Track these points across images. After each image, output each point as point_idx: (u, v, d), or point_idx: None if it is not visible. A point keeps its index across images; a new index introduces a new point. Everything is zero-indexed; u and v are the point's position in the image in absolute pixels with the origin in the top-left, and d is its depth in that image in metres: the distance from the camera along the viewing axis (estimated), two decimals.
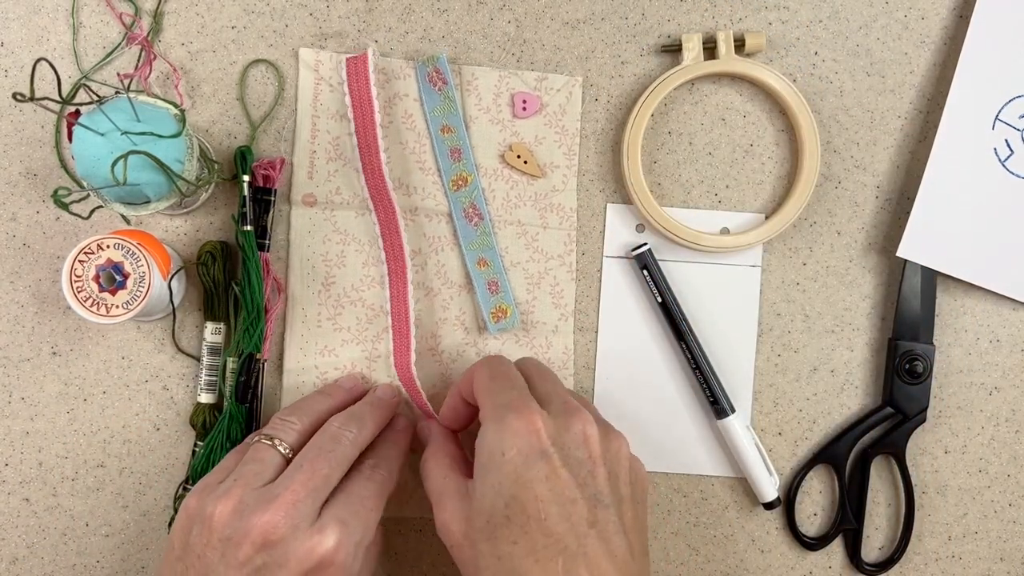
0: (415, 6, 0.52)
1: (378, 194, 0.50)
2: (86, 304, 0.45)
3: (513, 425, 0.39)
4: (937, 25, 0.54)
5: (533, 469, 0.38)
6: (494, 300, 0.52)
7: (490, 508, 0.39)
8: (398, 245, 0.50)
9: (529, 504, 0.38)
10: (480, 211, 0.51)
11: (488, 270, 0.51)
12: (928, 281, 0.53)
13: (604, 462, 0.40)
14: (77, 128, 0.42)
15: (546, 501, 0.38)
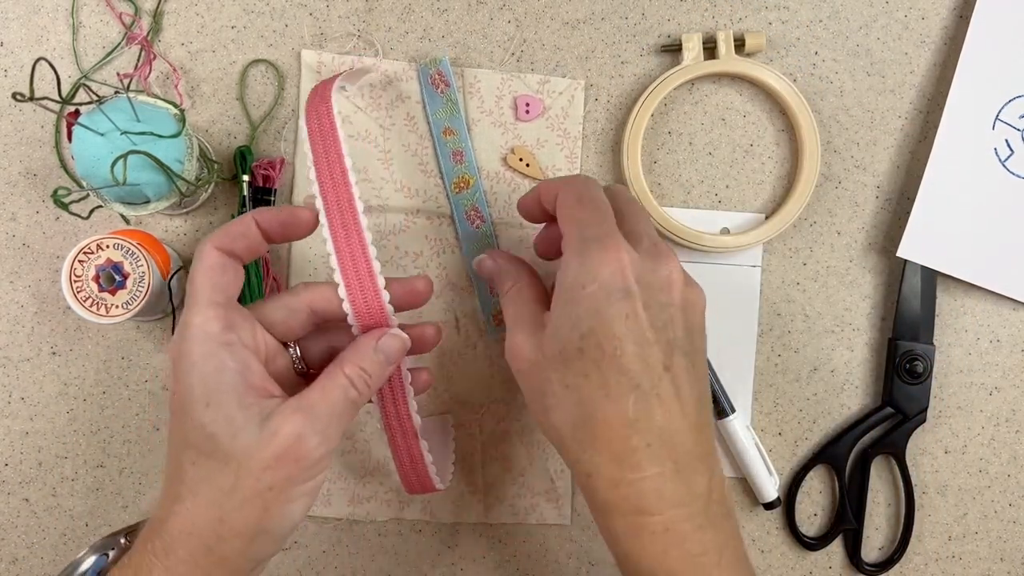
0: (415, 6, 0.52)
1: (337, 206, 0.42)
2: (86, 304, 0.45)
3: (598, 259, 0.38)
4: (937, 25, 0.54)
5: (614, 306, 0.37)
6: (495, 302, 0.51)
7: (565, 339, 0.38)
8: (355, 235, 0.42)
9: (605, 340, 0.37)
10: (482, 214, 0.51)
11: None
12: (928, 281, 0.53)
13: (683, 309, 0.39)
14: (77, 128, 0.42)
15: (623, 339, 0.37)
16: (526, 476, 0.53)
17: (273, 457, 0.36)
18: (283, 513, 0.37)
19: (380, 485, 0.52)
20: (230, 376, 0.37)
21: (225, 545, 0.36)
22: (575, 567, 0.54)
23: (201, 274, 0.38)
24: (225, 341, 0.38)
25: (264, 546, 0.38)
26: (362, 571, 0.53)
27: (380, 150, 0.52)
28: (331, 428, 0.38)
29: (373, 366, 0.40)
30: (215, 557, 0.36)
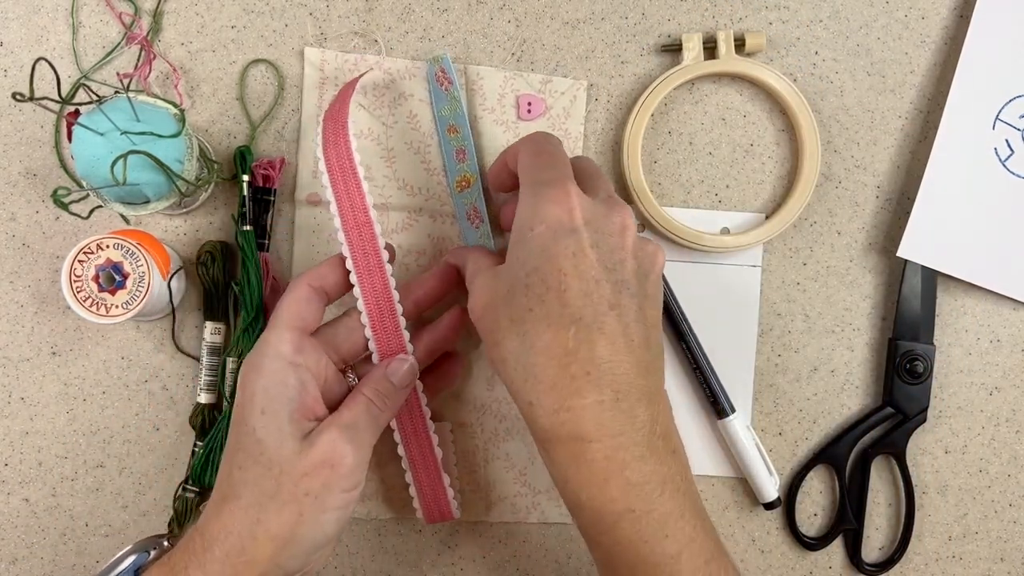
0: (415, 6, 0.52)
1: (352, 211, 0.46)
2: (85, 304, 0.45)
3: (547, 199, 0.39)
4: (937, 25, 0.54)
5: (560, 243, 0.38)
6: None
7: (512, 277, 0.39)
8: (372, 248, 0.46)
9: (550, 276, 0.38)
10: (480, 213, 0.50)
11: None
12: (928, 281, 0.53)
13: (635, 256, 0.40)
14: (77, 128, 0.42)
15: (568, 275, 0.38)
16: (527, 475, 0.53)
17: (312, 464, 0.40)
18: (316, 521, 0.40)
19: (381, 483, 0.52)
20: (290, 392, 0.41)
21: (258, 547, 0.39)
22: (575, 567, 0.54)
23: (288, 302, 0.43)
24: (293, 362, 0.42)
25: (293, 556, 0.40)
26: (362, 571, 0.53)
27: (383, 148, 0.52)
28: (360, 439, 0.41)
29: (387, 388, 0.44)
30: (247, 558, 0.39)
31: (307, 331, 0.44)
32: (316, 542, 0.40)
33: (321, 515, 0.40)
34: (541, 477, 0.53)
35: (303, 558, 0.40)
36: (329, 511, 0.40)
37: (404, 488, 0.52)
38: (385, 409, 0.44)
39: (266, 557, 0.39)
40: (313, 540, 0.40)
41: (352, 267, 0.45)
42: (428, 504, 0.49)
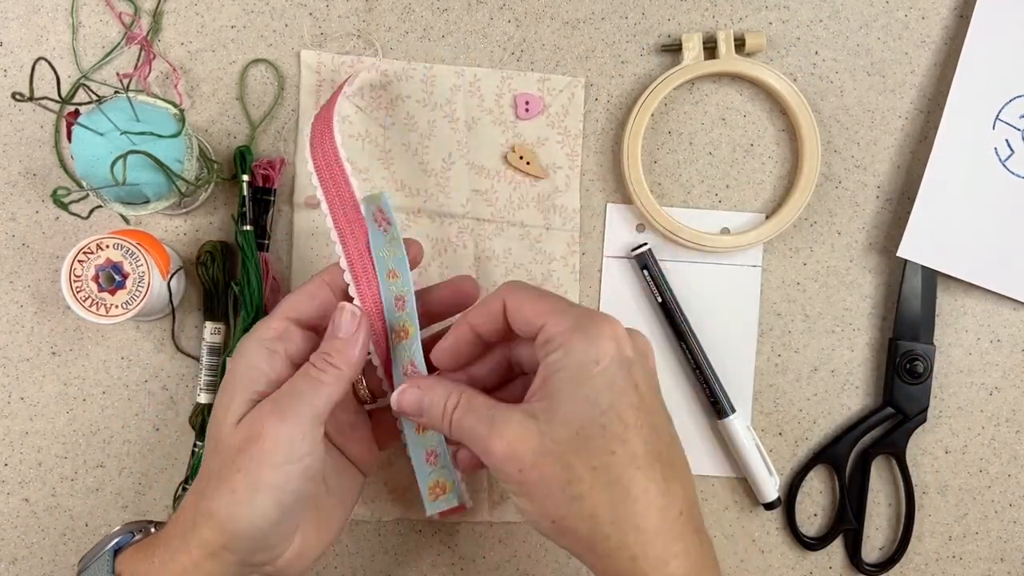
0: (415, 6, 0.52)
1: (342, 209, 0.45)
2: (85, 304, 0.45)
3: (601, 334, 0.37)
4: (937, 25, 0.54)
5: (626, 379, 0.37)
6: (433, 472, 0.45)
7: (581, 420, 0.36)
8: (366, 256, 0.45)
9: (626, 413, 0.36)
10: (419, 368, 0.43)
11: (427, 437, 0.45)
12: (928, 281, 0.53)
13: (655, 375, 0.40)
14: (76, 128, 0.42)
15: (639, 409, 0.37)
16: None
17: (242, 439, 0.38)
18: (251, 501, 0.37)
19: (384, 485, 0.52)
20: (254, 375, 0.40)
21: (204, 527, 0.38)
22: (575, 567, 0.54)
23: (294, 294, 0.43)
24: (270, 348, 0.40)
25: (237, 539, 0.37)
26: (362, 571, 0.53)
27: (380, 150, 0.52)
28: (292, 410, 0.38)
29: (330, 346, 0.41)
30: (197, 538, 0.38)
31: (303, 323, 0.42)
32: (255, 525, 0.37)
33: (255, 495, 0.37)
34: None
35: (248, 542, 0.38)
36: (262, 489, 0.37)
37: (406, 490, 0.52)
38: (327, 370, 0.40)
39: (211, 536, 0.38)
40: (250, 523, 0.37)
41: (346, 265, 0.44)
42: None
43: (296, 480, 0.38)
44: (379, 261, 0.44)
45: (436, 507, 0.45)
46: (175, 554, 0.38)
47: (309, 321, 0.42)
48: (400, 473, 0.53)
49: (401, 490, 0.52)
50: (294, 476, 0.38)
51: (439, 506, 0.45)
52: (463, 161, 0.52)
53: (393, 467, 0.52)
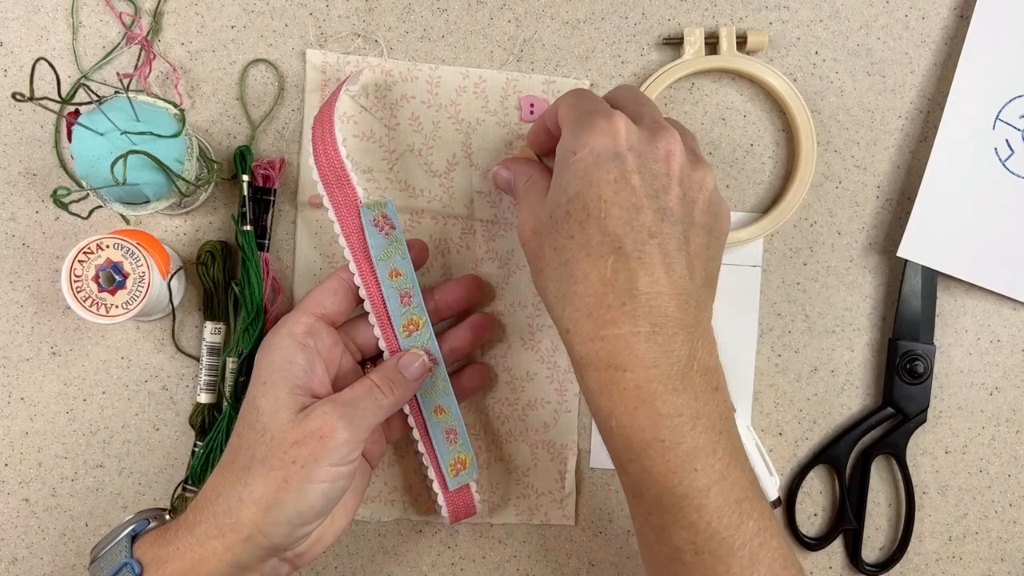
0: (415, 6, 0.52)
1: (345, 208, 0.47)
2: (85, 304, 0.45)
3: (590, 127, 0.39)
4: (937, 25, 0.54)
5: (602, 169, 0.38)
6: (452, 451, 0.49)
7: (555, 203, 0.39)
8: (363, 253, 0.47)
9: (591, 202, 0.38)
10: (434, 356, 0.48)
11: (446, 418, 0.49)
12: (928, 281, 0.53)
13: (681, 183, 0.39)
14: (77, 128, 0.42)
15: (609, 202, 0.38)
16: (530, 476, 0.53)
17: (302, 434, 0.41)
18: (301, 490, 0.40)
19: (384, 485, 0.52)
20: (294, 369, 0.43)
21: (243, 509, 0.40)
22: (575, 567, 0.54)
23: (317, 290, 0.46)
24: (302, 342, 0.44)
25: (276, 523, 0.40)
26: (362, 571, 0.53)
27: (385, 150, 0.52)
28: (356, 419, 0.42)
29: (395, 376, 0.45)
30: (232, 520, 0.40)
31: (327, 319, 0.46)
32: (300, 512, 0.41)
33: (307, 485, 0.40)
34: (544, 479, 0.53)
35: (287, 527, 0.41)
36: (315, 482, 0.40)
37: (406, 491, 0.52)
38: (389, 395, 0.44)
39: (250, 520, 0.40)
40: (297, 509, 0.40)
41: (355, 269, 0.46)
42: (453, 500, 0.50)
43: (344, 479, 0.42)
44: (380, 263, 0.46)
45: (458, 481, 0.49)
46: (204, 539, 0.40)
47: (332, 317, 0.46)
48: (399, 474, 0.53)
49: (401, 491, 0.52)
50: (343, 475, 0.42)
51: (460, 480, 0.49)
52: (467, 163, 0.52)
53: (392, 468, 0.53)
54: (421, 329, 0.47)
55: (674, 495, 0.37)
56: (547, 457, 0.53)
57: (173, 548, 0.40)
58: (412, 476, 0.53)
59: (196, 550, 0.40)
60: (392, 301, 0.47)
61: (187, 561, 0.39)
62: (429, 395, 0.48)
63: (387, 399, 0.44)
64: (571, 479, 0.53)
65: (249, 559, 0.40)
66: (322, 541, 0.44)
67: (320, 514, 0.42)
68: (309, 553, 0.44)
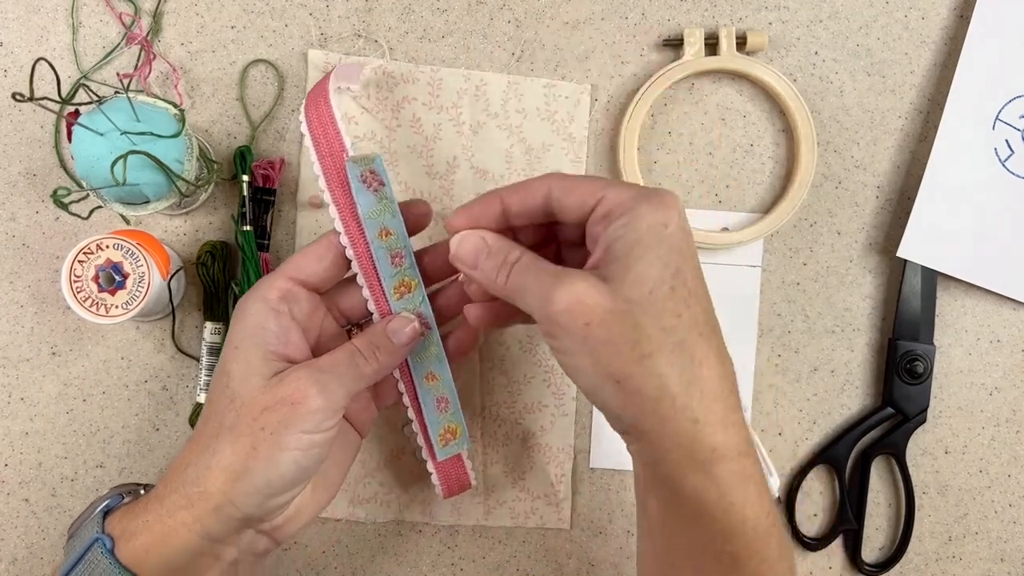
0: (415, 6, 0.52)
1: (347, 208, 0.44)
2: (85, 304, 0.45)
3: (665, 202, 0.37)
4: (937, 25, 0.54)
5: (688, 243, 0.37)
6: (443, 420, 0.46)
7: (653, 281, 0.35)
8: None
9: (690, 278, 0.36)
10: (426, 320, 0.44)
11: (437, 385, 0.46)
12: (928, 281, 0.53)
13: None
14: (77, 128, 0.42)
15: (699, 278, 0.37)
16: (526, 480, 0.53)
17: (273, 400, 0.38)
18: (271, 459, 0.38)
19: (380, 486, 0.52)
20: (266, 335, 0.40)
21: (211, 478, 0.38)
22: (575, 567, 0.54)
23: (300, 253, 0.43)
24: (275, 308, 0.41)
25: (246, 493, 0.38)
26: (362, 571, 0.53)
27: (385, 151, 0.52)
28: (332, 385, 0.39)
29: (382, 342, 0.42)
30: (200, 489, 0.38)
31: (308, 284, 0.43)
32: (270, 481, 0.38)
33: (277, 452, 0.38)
34: (540, 483, 0.53)
35: (257, 497, 0.38)
36: (286, 450, 0.38)
37: (404, 491, 0.52)
38: (372, 361, 0.41)
39: (218, 489, 0.38)
40: (267, 478, 0.38)
41: (341, 228, 0.43)
42: (444, 471, 0.48)
43: (318, 447, 0.39)
44: (368, 222, 0.43)
45: (447, 451, 0.46)
46: (173, 509, 0.38)
47: (314, 283, 0.43)
48: (394, 476, 0.53)
49: (397, 491, 0.52)
50: (316, 443, 0.39)
51: (450, 450, 0.47)
52: (468, 165, 0.52)
53: (387, 470, 0.53)
54: (413, 291, 0.44)
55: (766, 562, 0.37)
56: (544, 460, 0.53)
57: (143, 520, 0.38)
58: (408, 477, 0.53)
59: (165, 521, 0.38)
60: (382, 262, 0.43)
61: (156, 533, 0.38)
62: (421, 360, 0.45)
63: (369, 366, 0.41)
64: (567, 483, 0.53)
65: (220, 530, 0.38)
66: (302, 515, 0.42)
67: (292, 484, 0.39)
68: (287, 527, 0.42)
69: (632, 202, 0.37)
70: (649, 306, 0.35)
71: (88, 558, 0.38)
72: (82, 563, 0.38)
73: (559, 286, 0.36)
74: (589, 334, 0.35)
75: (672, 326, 0.35)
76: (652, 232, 0.36)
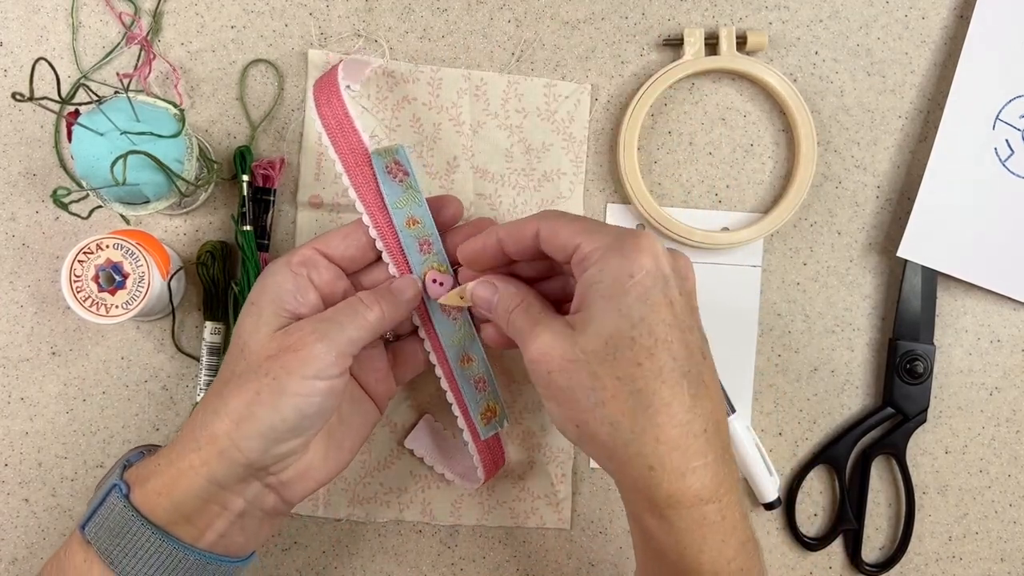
0: (415, 6, 0.52)
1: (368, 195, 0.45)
2: (85, 304, 0.45)
3: (635, 246, 0.38)
4: (937, 25, 0.54)
5: (659, 292, 0.37)
6: (483, 399, 0.48)
7: (611, 331, 0.37)
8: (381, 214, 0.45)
9: (657, 327, 0.37)
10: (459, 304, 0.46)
11: (474, 366, 0.48)
12: (928, 281, 0.53)
13: (696, 296, 0.40)
14: (76, 128, 0.42)
15: (671, 325, 0.37)
16: (526, 480, 0.53)
17: (276, 347, 0.40)
18: (274, 404, 0.39)
19: (380, 486, 0.52)
20: (282, 293, 0.42)
21: (217, 421, 0.39)
22: (575, 567, 0.54)
23: (329, 232, 0.45)
24: (294, 271, 0.43)
25: (249, 437, 0.39)
26: (362, 571, 0.53)
27: None
28: (333, 331, 0.41)
29: (384, 291, 0.44)
30: (208, 432, 0.39)
31: (331, 258, 0.44)
32: (273, 426, 0.39)
33: (279, 398, 0.39)
34: (540, 483, 0.53)
35: (260, 441, 0.39)
36: (287, 395, 0.39)
37: (404, 491, 0.52)
38: (373, 307, 0.43)
39: (223, 432, 0.39)
40: (269, 422, 0.39)
41: (369, 221, 0.45)
42: (485, 451, 0.49)
43: (320, 395, 0.40)
44: (396, 211, 0.45)
45: (490, 429, 0.48)
46: (183, 452, 0.39)
47: (338, 258, 0.45)
48: (394, 475, 0.53)
49: (396, 492, 0.52)
50: (319, 391, 0.40)
51: (492, 428, 0.48)
52: (467, 165, 0.52)
53: (389, 469, 0.53)
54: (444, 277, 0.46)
55: None
56: (543, 461, 0.53)
57: (156, 464, 0.40)
58: (408, 478, 0.53)
59: (176, 464, 0.39)
60: (412, 250, 0.45)
61: (167, 476, 0.39)
62: (454, 344, 0.47)
63: (372, 312, 0.42)
64: (568, 483, 0.53)
65: (225, 475, 0.39)
66: (311, 476, 0.43)
67: (295, 430, 0.40)
68: (296, 486, 0.42)
69: (602, 251, 0.38)
70: (605, 356, 0.37)
71: (106, 503, 0.39)
72: (102, 508, 0.39)
73: (531, 336, 0.39)
74: (551, 381, 0.38)
75: (630, 375, 0.36)
76: (616, 283, 0.37)
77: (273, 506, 0.42)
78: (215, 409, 0.40)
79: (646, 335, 0.37)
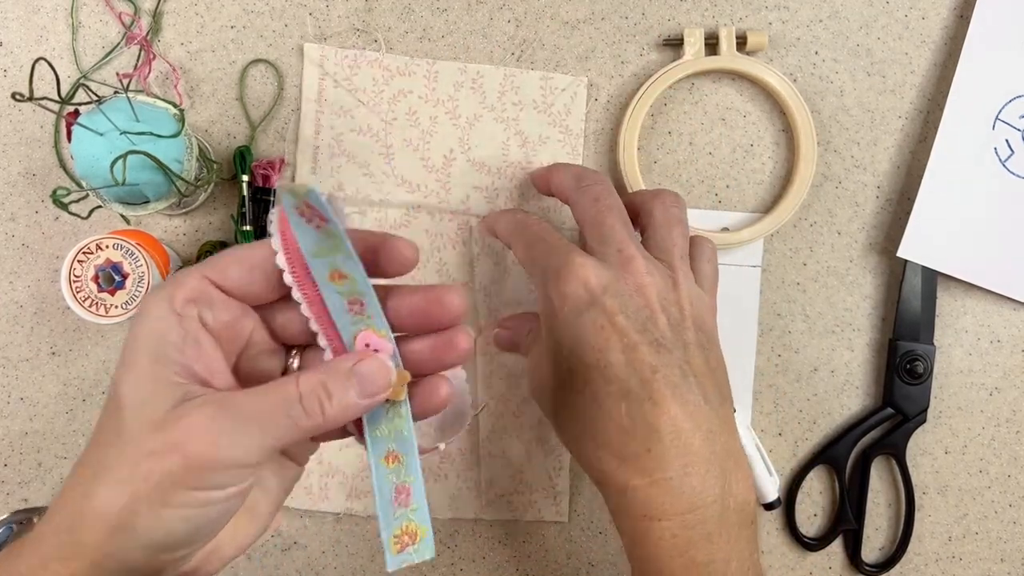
0: (415, 6, 0.52)
1: None
2: (85, 304, 0.45)
3: (557, 276, 0.40)
4: (937, 25, 0.54)
5: (586, 319, 0.38)
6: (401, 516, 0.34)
7: (555, 364, 0.40)
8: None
9: (587, 354, 0.38)
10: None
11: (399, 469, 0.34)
12: (928, 281, 0.53)
13: (664, 310, 0.39)
14: (76, 128, 0.42)
15: (603, 349, 0.38)
16: (524, 473, 0.53)
17: (162, 444, 0.29)
18: (151, 515, 0.30)
19: None
20: (165, 347, 0.31)
21: (86, 528, 0.30)
22: (575, 567, 0.54)
23: (230, 254, 0.33)
24: (179, 311, 0.31)
25: (129, 549, 0.30)
26: (362, 571, 0.53)
27: (381, 144, 0.52)
28: (249, 438, 0.30)
29: (339, 388, 0.31)
30: (75, 538, 0.30)
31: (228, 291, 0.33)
32: (155, 541, 0.30)
33: (160, 509, 0.29)
34: (538, 476, 0.53)
35: (143, 552, 0.30)
36: (172, 506, 0.30)
37: None
38: (314, 415, 0.31)
39: (93, 542, 0.30)
40: (151, 537, 0.30)
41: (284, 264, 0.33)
42: None
43: (219, 504, 0.31)
44: (314, 261, 0.32)
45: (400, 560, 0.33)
46: (47, 560, 0.30)
47: (237, 291, 0.33)
48: None
49: None
50: (214, 501, 0.31)
51: (404, 559, 0.33)
52: (464, 158, 0.52)
53: None
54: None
55: None
56: (541, 454, 0.53)
57: (17, 572, 0.30)
58: None
59: (40, 574, 0.30)
60: (338, 311, 0.33)
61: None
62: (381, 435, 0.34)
63: (310, 420, 0.31)
64: (565, 476, 0.53)
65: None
66: (221, 553, 0.34)
67: (189, 542, 0.31)
68: (205, 567, 0.34)
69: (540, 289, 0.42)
70: (556, 386, 0.41)
71: None
72: None
73: (526, 354, 0.46)
74: (539, 406, 0.45)
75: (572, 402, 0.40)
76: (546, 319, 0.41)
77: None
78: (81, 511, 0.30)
79: (578, 364, 0.39)
